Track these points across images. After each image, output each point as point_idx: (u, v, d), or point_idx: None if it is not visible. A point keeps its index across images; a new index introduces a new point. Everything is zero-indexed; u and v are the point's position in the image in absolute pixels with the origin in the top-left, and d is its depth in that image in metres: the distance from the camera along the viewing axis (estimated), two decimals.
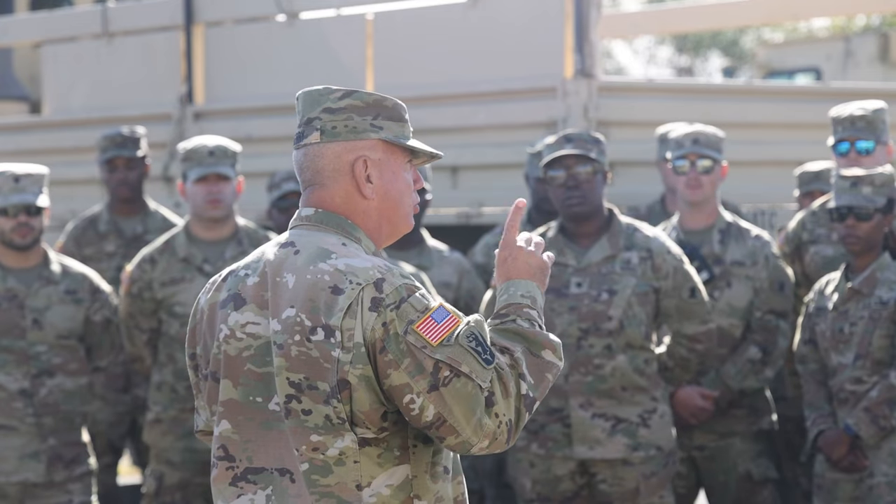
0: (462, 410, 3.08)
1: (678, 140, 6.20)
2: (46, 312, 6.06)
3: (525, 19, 7.63)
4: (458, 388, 3.08)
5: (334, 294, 3.11)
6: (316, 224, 3.25)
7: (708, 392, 6.08)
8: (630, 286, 5.59)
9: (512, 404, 3.14)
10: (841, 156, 6.11)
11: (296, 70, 8.28)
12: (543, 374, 3.21)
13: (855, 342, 5.66)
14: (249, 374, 3.19)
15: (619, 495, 5.63)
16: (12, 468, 5.98)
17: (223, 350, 3.22)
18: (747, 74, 27.39)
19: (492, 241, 6.85)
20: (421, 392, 3.08)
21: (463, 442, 3.11)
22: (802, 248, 6.30)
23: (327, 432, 3.11)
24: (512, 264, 3.34)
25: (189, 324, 3.35)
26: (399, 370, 3.08)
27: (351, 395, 3.09)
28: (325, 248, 3.18)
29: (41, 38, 9.65)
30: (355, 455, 3.12)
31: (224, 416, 3.23)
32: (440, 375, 3.08)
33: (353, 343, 3.09)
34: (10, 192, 5.91)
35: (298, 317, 3.13)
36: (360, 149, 3.25)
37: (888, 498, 5.57)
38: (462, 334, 3.11)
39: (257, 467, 3.19)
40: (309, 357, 3.11)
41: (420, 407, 3.08)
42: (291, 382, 3.13)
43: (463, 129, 7.79)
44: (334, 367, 3.09)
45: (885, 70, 13.00)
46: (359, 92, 3.27)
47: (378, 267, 3.15)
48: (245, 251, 6.25)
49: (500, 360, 3.16)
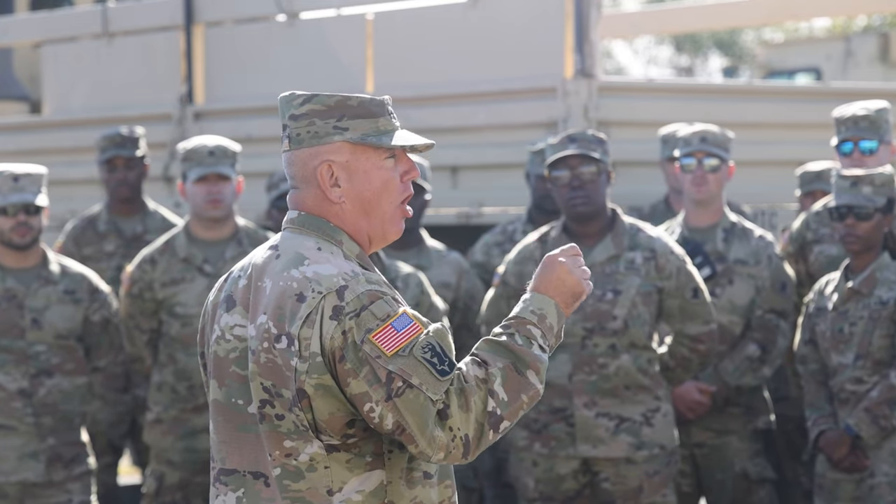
0: (415, 421, 3.05)
1: (686, 138, 6.21)
2: (45, 312, 6.06)
3: (525, 19, 7.63)
4: (409, 399, 3.05)
5: (298, 302, 3.10)
6: (298, 227, 3.23)
7: (705, 387, 6.09)
8: (634, 286, 5.60)
9: (471, 419, 3.08)
10: (844, 156, 6.11)
11: (296, 70, 8.27)
12: (519, 394, 3.12)
13: (855, 342, 5.66)
14: (233, 375, 3.20)
15: (622, 494, 5.63)
16: (11, 468, 5.98)
17: (213, 351, 3.25)
18: (747, 74, 27.40)
19: (491, 240, 6.84)
20: (379, 401, 3.05)
21: (421, 451, 3.08)
22: (806, 247, 6.30)
23: (299, 437, 3.11)
24: (546, 275, 3.24)
25: (200, 323, 3.37)
26: (358, 378, 3.06)
27: (310, 403, 3.08)
28: (300, 254, 3.16)
29: (41, 38, 9.64)
30: (325, 461, 3.11)
31: (211, 416, 3.27)
32: (393, 386, 3.05)
33: (309, 352, 3.08)
34: (9, 192, 5.91)
35: (267, 324, 3.12)
36: (324, 153, 3.20)
37: (889, 498, 5.56)
38: (419, 345, 3.07)
39: (229, 469, 3.20)
40: (275, 364, 3.11)
41: (379, 415, 3.06)
42: (265, 388, 3.13)
43: (463, 129, 7.78)
44: (293, 376, 3.09)
45: (886, 70, 13.00)
46: (320, 95, 3.22)
47: (343, 273, 3.11)
48: (245, 251, 6.24)
49: (467, 372, 3.11)
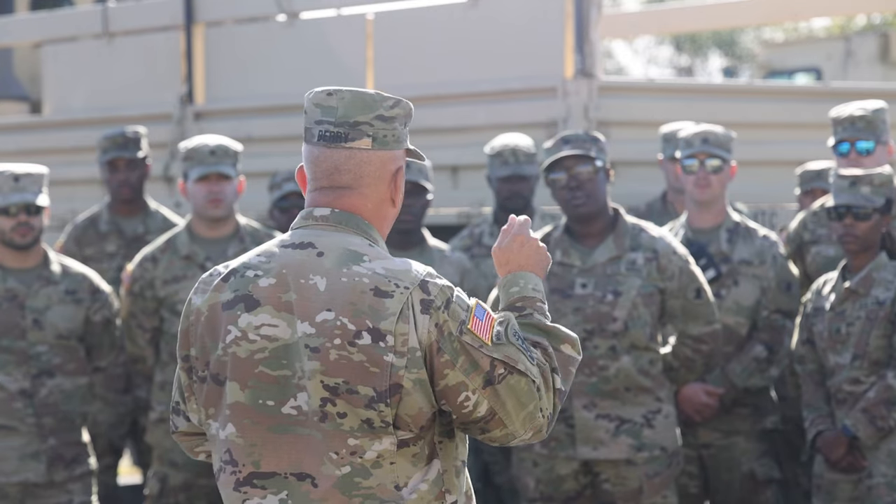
0: (514, 405, 3.12)
1: (688, 139, 6.19)
2: (46, 313, 6.06)
3: (525, 19, 7.64)
4: (511, 384, 3.12)
5: (379, 297, 3.08)
6: (334, 224, 3.19)
7: (712, 389, 6.09)
8: (635, 287, 5.59)
9: (551, 397, 3.19)
10: (841, 156, 6.11)
11: (296, 70, 8.28)
12: (567, 367, 3.25)
13: (852, 342, 5.66)
14: (261, 376, 3.12)
15: (623, 495, 5.63)
16: (13, 468, 5.98)
17: (231, 352, 3.15)
18: (747, 74, 27.40)
19: (459, 244, 6.86)
20: (476, 389, 3.10)
21: (508, 434, 3.15)
22: (804, 248, 6.30)
23: (363, 435, 3.08)
24: (519, 253, 3.35)
25: (181, 325, 3.25)
26: (455, 369, 3.09)
27: (401, 398, 3.08)
28: (353, 251, 3.14)
29: (41, 38, 9.65)
30: (392, 457, 3.10)
31: (230, 419, 3.16)
32: (496, 373, 3.11)
33: (407, 348, 3.07)
34: (9, 192, 5.92)
35: (339, 320, 3.07)
36: (399, 158, 3.25)
37: (887, 498, 5.56)
38: (510, 332, 3.15)
39: (266, 472, 3.13)
40: (350, 361, 3.07)
41: (474, 403, 3.11)
42: (326, 386, 3.08)
43: (463, 129, 7.80)
44: (385, 372, 3.06)
45: (885, 70, 12.99)
46: (402, 100, 3.25)
47: (416, 268, 3.14)
48: (247, 249, 6.24)
49: (536, 354, 3.20)
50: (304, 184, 3.28)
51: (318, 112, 3.21)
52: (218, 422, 3.19)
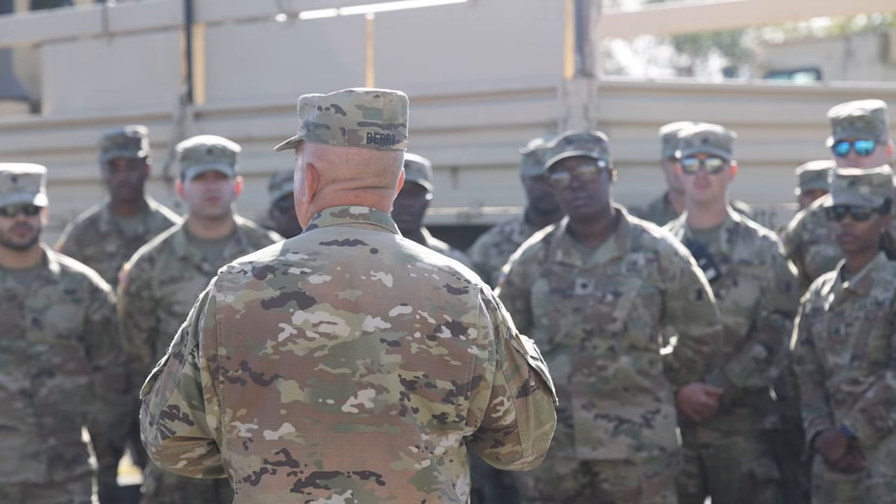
0: (535, 421, 3.17)
1: (688, 139, 6.19)
2: (46, 312, 6.06)
3: (525, 19, 7.64)
4: (538, 399, 3.18)
5: (453, 293, 3.11)
6: (374, 223, 3.19)
7: (712, 389, 6.09)
8: (635, 288, 5.59)
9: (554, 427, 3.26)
10: (840, 156, 6.12)
11: (296, 70, 8.28)
12: None
13: (851, 343, 5.66)
14: (321, 374, 3.06)
15: (622, 494, 5.63)
16: (13, 468, 5.98)
17: (286, 350, 3.06)
18: (747, 74, 27.40)
19: (489, 240, 6.86)
20: (511, 396, 3.14)
21: (517, 452, 3.21)
22: (803, 248, 6.30)
23: (432, 431, 3.09)
24: None
25: (205, 323, 3.10)
26: (500, 371, 3.13)
27: (479, 392, 3.11)
28: (406, 247, 3.16)
29: (41, 38, 9.65)
30: (452, 454, 3.13)
31: (286, 418, 3.06)
32: (530, 384, 3.16)
33: (488, 341, 3.11)
34: (8, 192, 5.92)
35: (417, 314, 3.07)
36: None
37: (886, 498, 5.57)
38: (537, 349, 3.23)
39: (330, 471, 3.07)
40: (430, 355, 3.07)
41: (506, 410, 3.15)
42: (403, 380, 3.07)
43: (463, 129, 7.80)
44: (469, 364, 3.08)
45: (885, 70, 12.99)
46: None
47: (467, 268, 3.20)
48: (244, 249, 6.25)
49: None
50: (314, 183, 3.21)
51: (360, 114, 3.18)
52: (253, 423, 3.08)
